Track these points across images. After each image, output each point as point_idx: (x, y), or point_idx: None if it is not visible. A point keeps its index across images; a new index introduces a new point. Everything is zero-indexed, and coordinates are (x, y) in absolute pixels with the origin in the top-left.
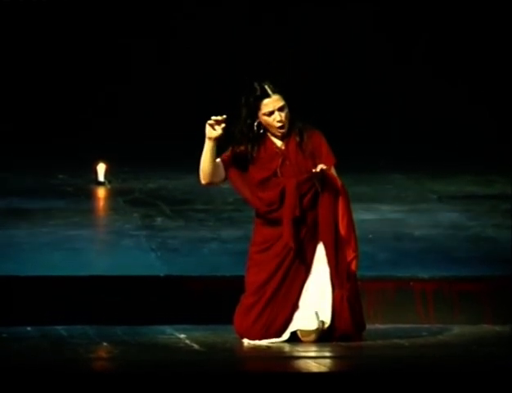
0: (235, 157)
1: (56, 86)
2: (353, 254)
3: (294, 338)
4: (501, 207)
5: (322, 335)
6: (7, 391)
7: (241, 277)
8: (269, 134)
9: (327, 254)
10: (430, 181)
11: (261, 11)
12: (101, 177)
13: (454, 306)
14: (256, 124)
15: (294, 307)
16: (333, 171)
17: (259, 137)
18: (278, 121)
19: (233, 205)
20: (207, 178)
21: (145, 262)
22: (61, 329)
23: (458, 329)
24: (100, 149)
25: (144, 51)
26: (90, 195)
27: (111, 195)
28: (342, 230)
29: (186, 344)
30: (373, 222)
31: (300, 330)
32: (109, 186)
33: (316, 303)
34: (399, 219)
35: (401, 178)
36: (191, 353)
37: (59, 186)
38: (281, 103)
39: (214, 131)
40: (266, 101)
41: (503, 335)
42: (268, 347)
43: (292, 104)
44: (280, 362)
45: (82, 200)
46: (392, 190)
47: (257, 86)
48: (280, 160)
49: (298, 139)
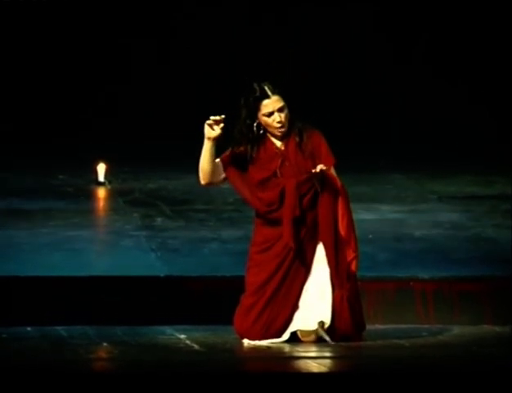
0: (234, 157)
1: (56, 86)
2: (353, 254)
3: (294, 338)
4: (501, 207)
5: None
6: (7, 391)
7: (241, 277)
8: (269, 135)
9: (327, 254)
10: (430, 181)
11: (261, 11)
12: (101, 177)
13: (454, 306)
14: (255, 125)
15: (294, 307)
16: (332, 171)
17: (259, 137)
18: (278, 122)
19: (233, 205)
20: (206, 179)
21: (145, 262)
22: (61, 329)
23: (458, 329)
24: (100, 149)
25: (144, 51)
26: (90, 195)
27: (111, 195)
28: (342, 230)
29: (186, 344)
30: (373, 222)
31: (300, 330)
32: (109, 186)
33: (316, 303)
34: (399, 220)
35: (401, 178)
36: (191, 353)
37: (59, 186)
38: (281, 104)
39: (213, 131)
40: (265, 102)
41: (503, 335)
42: (268, 347)
43: (292, 104)
44: (280, 362)
45: (82, 200)
46: (392, 190)
47: (256, 87)
48: (279, 161)
49: (297, 139)
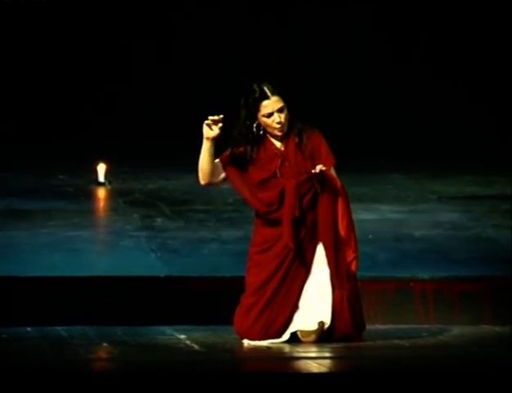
0: (234, 158)
1: (56, 86)
2: (353, 254)
3: (294, 339)
4: (501, 207)
5: (322, 335)
6: (7, 391)
7: (241, 277)
8: (268, 135)
9: (327, 254)
10: (430, 181)
11: (261, 11)
12: (101, 177)
13: (454, 307)
14: (255, 126)
15: (294, 307)
16: (332, 172)
17: (258, 138)
18: (277, 123)
19: (233, 205)
20: (206, 179)
21: (145, 262)
22: (61, 330)
23: (458, 330)
24: (100, 149)
25: (144, 51)
26: (90, 195)
27: (111, 195)
28: (342, 230)
29: (186, 344)
30: (373, 222)
31: (300, 330)
32: (109, 186)
33: (316, 303)
34: (399, 220)
35: (401, 178)
36: (191, 353)
37: (59, 186)
38: (280, 104)
39: (212, 131)
40: (265, 102)
41: (503, 335)
42: (268, 348)
43: (292, 104)
44: (280, 362)
45: (82, 200)
46: (392, 190)
47: (256, 87)
48: (279, 161)
49: (297, 140)
